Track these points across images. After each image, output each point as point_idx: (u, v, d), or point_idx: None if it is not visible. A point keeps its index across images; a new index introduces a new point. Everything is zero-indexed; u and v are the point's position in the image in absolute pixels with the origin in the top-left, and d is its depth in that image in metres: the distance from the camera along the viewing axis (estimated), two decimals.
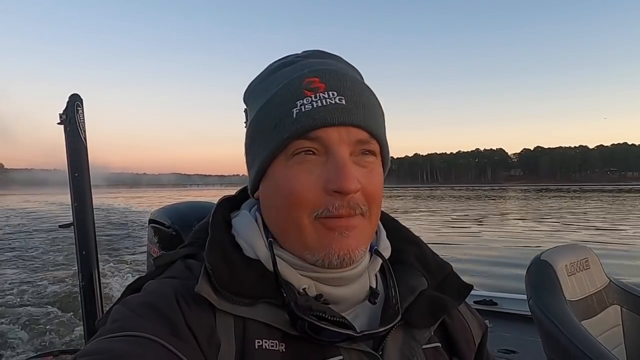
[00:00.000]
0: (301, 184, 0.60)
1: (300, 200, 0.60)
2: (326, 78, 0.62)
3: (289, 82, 0.63)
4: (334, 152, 0.60)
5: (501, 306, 3.68)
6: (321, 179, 0.60)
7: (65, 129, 1.63)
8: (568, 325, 1.79)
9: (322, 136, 0.60)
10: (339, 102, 0.61)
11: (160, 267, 0.68)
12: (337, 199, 0.60)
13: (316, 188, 0.60)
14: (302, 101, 0.61)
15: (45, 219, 21.51)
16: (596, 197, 50.63)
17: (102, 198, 51.80)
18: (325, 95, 0.61)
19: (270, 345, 0.59)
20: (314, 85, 0.61)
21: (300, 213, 0.61)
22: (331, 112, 0.60)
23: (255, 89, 0.70)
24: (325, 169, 0.60)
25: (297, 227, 0.61)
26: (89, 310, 1.62)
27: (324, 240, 0.61)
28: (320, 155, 0.61)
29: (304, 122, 0.60)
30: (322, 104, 0.60)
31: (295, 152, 0.61)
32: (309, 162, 0.61)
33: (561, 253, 2.07)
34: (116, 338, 0.52)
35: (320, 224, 0.61)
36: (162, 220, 1.33)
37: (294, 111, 0.60)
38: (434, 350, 0.70)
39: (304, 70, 0.64)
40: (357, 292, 0.67)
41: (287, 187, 0.61)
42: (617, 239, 14.54)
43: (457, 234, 16.32)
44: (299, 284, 0.63)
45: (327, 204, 0.60)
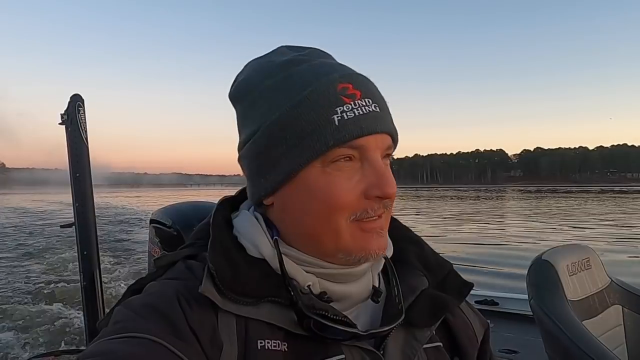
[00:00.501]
0: (342, 190, 0.61)
1: (341, 206, 0.61)
2: (359, 85, 0.63)
3: (321, 85, 0.62)
4: (372, 158, 0.62)
5: (502, 306, 3.68)
6: (361, 184, 0.62)
7: (67, 129, 1.63)
8: (569, 325, 1.79)
9: (364, 144, 0.61)
10: (375, 110, 0.62)
11: (161, 268, 0.68)
12: (376, 202, 0.62)
13: (356, 193, 0.61)
14: (342, 108, 0.60)
15: (48, 218, 21.52)
16: (603, 198, 50.83)
17: (102, 198, 51.83)
18: (362, 102, 0.61)
19: (273, 346, 0.59)
20: (349, 92, 0.62)
21: (339, 217, 0.61)
22: (372, 121, 0.61)
23: (260, 88, 0.66)
24: (365, 175, 0.62)
25: (334, 231, 0.62)
26: (90, 310, 1.62)
27: (362, 241, 0.63)
28: (355, 162, 0.62)
29: (350, 130, 0.60)
30: (362, 112, 0.61)
31: (335, 159, 0.61)
32: (348, 168, 0.62)
33: (562, 253, 2.07)
34: (118, 339, 0.52)
35: (357, 226, 0.62)
36: (163, 220, 1.33)
37: (335, 118, 0.60)
38: (435, 350, 0.71)
39: (333, 74, 0.63)
40: (360, 290, 0.67)
41: (327, 193, 0.61)
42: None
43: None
44: (304, 281, 0.64)
45: (367, 207, 0.62)
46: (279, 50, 0.70)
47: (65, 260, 9.71)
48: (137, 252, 11.01)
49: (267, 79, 0.66)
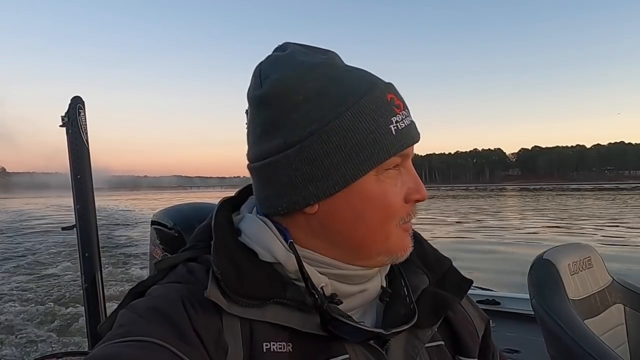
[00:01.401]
0: (394, 197, 0.64)
1: (395, 212, 0.64)
2: (399, 95, 0.66)
3: (374, 95, 0.62)
4: (408, 166, 0.66)
5: (504, 305, 3.68)
6: (403, 190, 0.65)
7: (68, 132, 1.63)
8: (571, 325, 1.79)
9: (408, 153, 0.65)
10: (412, 120, 0.66)
11: (162, 271, 0.67)
12: (413, 205, 0.66)
13: (401, 198, 0.65)
14: (396, 118, 0.63)
15: (49, 221, 21.51)
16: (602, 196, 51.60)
17: (101, 201, 51.88)
18: (406, 113, 0.65)
19: (278, 347, 0.59)
20: (397, 103, 0.64)
21: (391, 223, 0.64)
22: (415, 131, 0.65)
23: (304, 89, 0.62)
24: (404, 181, 0.65)
25: (385, 235, 0.65)
26: (92, 312, 1.63)
27: (403, 242, 0.67)
28: (398, 169, 0.65)
29: (406, 139, 0.63)
30: (409, 122, 0.64)
31: (388, 167, 0.63)
32: (395, 176, 0.64)
33: (564, 252, 2.07)
34: (124, 343, 0.52)
35: (402, 228, 0.66)
36: (164, 221, 1.33)
37: (392, 128, 0.62)
38: (437, 349, 0.71)
39: (380, 84, 0.65)
40: (370, 290, 0.68)
41: (383, 201, 0.63)
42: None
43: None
44: (317, 282, 0.63)
45: (409, 211, 0.66)
46: (300, 50, 0.66)
47: (68, 262, 9.71)
48: (139, 253, 11.01)
49: (309, 81, 0.62)
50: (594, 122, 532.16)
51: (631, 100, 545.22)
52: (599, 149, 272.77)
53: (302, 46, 0.68)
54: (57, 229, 10.12)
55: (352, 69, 0.66)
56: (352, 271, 0.65)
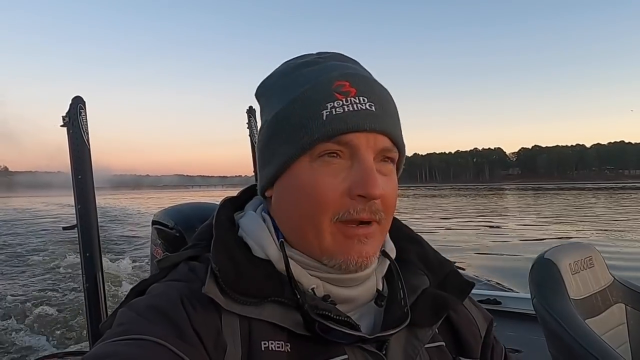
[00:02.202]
0: (326, 186, 0.61)
1: (324, 202, 0.61)
2: (357, 83, 0.63)
3: (318, 83, 0.63)
4: (361, 157, 0.61)
5: (505, 305, 3.68)
6: (346, 182, 0.61)
7: (68, 131, 1.63)
8: (572, 324, 1.79)
9: (351, 141, 0.60)
10: (370, 109, 0.61)
11: (164, 269, 0.68)
12: (359, 203, 0.60)
13: (340, 191, 0.61)
14: (333, 104, 0.61)
15: (51, 220, 21.52)
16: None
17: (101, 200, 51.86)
18: (356, 100, 0.61)
19: (277, 346, 0.60)
20: (344, 89, 0.62)
21: (322, 215, 0.61)
22: (363, 118, 0.61)
23: (275, 86, 0.69)
24: (351, 173, 0.61)
25: (316, 228, 0.62)
26: (93, 312, 1.62)
27: (342, 247, 0.62)
28: (345, 159, 0.62)
29: (336, 125, 0.60)
30: (353, 109, 0.61)
31: (321, 153, 0.61)
32: (334, 165, 0.61)
33: (565, 251, 2.07)
34: (123, 341, 0.52)
35: (339, 229, 0.62)
36: (165, 221, 1.33)
37: (324, 113, 0.61)
38: (437, 350, 0.71)
39: (333, 73, 0.64)
40: (364, 293, 0.67)
41: (311, 188, 0.61)
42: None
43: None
44: (308, 284, 0.64)
45: (349, 207, 0.60)
46: (306, 55, 0.72)
47: (69, 261, 9.71)
48: (140, 253, 11.01)
49: (281, 78, 0.69)
50: (594, 122, 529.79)
51: (632, 99, 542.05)
52: (598, 149, 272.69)
53: (319, 53, 0.72)
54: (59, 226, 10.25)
55: (328, 65, 0.67)
56: (337, 275, 0.65)
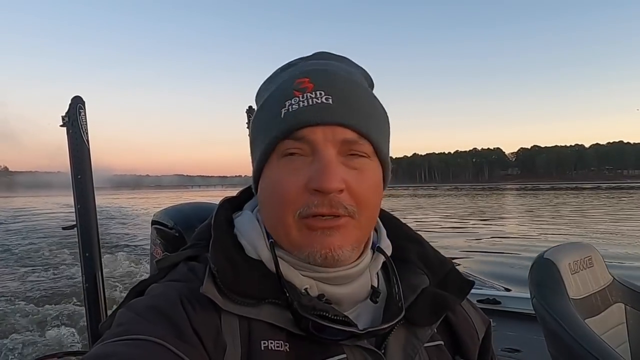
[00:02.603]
0: (287, 183, 0.61)
1: (285, 199, 0.61)
2: (315, 78, 0.63)
3: (283, 83, 0.65)
4: (319, 151, 0.61)
5: (505, 305, 3.68)
6: (305, 177, 0.60)
7: (68, 131, 1.63)
8: (572, 324, 1.79)
9: (307, 136, 0.60)
10: (325, 102, 0.61)
11: (163, 269, 0.68)
12: (317, 197, 0.59)
13: (299, 187, 0.60)
14: (291, 101, 0.61)
15: (53, 220, 21.52)
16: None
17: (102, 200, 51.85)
18: (312, 95, 0.61)
19: (276, 346, 0.60)
20: (303, 86, 0.62)
21: (285, 212, 0.61)
22: (316, 111, 0.60)
23: (260, 90, 0.72)
24: (310, 169, 0.60)
25: (283, 225, 0.62)
26: (92, 311, 1.62)
27: (306, 238, 0.61)
28: (307, 156, 0.61)
29: (290, 121, 0.61)
30: (308, 104, 0.61)
31: (285, 152, 0.62)
32: (296, 162, 0.61)
33: (564, 251, 2.06)
34: (122, 342, 0.52)
35: (303, 224, 0.61)
36: (164, 221, 1.33)
37: (283, 111, 0.62)
38: (436, 349, 0.71)
39: (297, 72, 0.65)
40: (357, 290, 0.67)
41: (275, 186, 0.62)
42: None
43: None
44: (301, 284, 0.64)
45: (308, 201, 0.60)
46: (295, 59, 0.73)
47: (70, 261, 9.71)
48: (140, 253, 11.00)
49: (265, 84, 0.72)
50: (593, 122, 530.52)
51: (631, 99, 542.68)
52: (597, 149, 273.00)
53: (314, 53, 0.73)
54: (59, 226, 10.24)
55: (302, 65, 0.68)
56: (330, 274, 0.64)
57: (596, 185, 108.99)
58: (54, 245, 12.62)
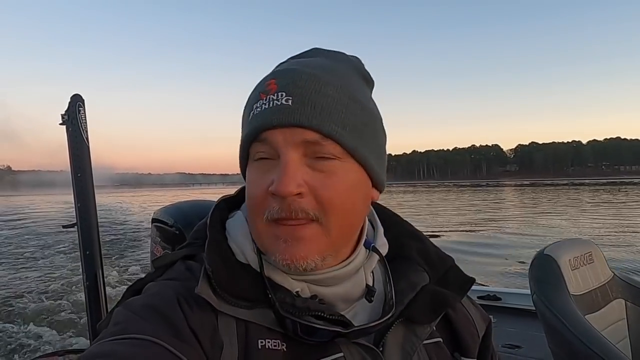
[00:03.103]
0: (255, 187, 0.61)
1: (254, 204, 0.61)
2: (280, 79, 0.61)
3: (257, 85, 0.64)
4: (280, 154, 0.59)
5: (505, 301, 3.69)
6: (269, 181, 0.59)
7: (68, 130, 1.63)
8: (572, 320, 1.79)
9: (268, 138, 0.59)
10: (285, 103, 0.58)
11: (160, 268, 0.68)
12: (276, 201, 0.58)
13: (264, 191, 0.59)
14: (257, 104, 0.60)
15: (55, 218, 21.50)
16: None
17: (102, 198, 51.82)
18: (274, 96, 0.59)
19: (273, 345, 0.60)
20: (268, 87, 0.60)
21: (256, 216, 0.61)
22: (273, 114, 0.58)
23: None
24: (274, 172, 0.59)
25: (255, 230, 0.63)
26: (93, 310, 1.62)
27: (272, 245, 0.60)
28: (275, 159, 0.60)
29: (253, 124, 0.60)
30: (268, 106, 0.59)
31: (255, 155, 0.62)
32: (265, 165, 0.61)
33: (565, 247, 2.06)
34: (119, 340, 0.52)
35: (270, 229, 0.60)
36: (165, 219, 1.32)
37: (251, 114, 0.61)
38: (435, 346, 0.71)
39: (269, 73, 0.64)
40: (350, 290, 0.66)
41: (248, 191, 0.63)
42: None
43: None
44: (292, 287, 0.63)
45: (268, 205, 0.59)
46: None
47: (71, 260, 9.71)
48: (140, 251, 11.01)
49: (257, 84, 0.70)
50: (591, 119, 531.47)
51: (628, 96, 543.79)
52: (595, 145, 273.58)
53: (305, 51, 0.72)
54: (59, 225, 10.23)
55: (287, 64, 0.67)
56: (318, 275, 0.63)
57: (611, 180, 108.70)
58: (59, 242, 12.64)
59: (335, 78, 0.62)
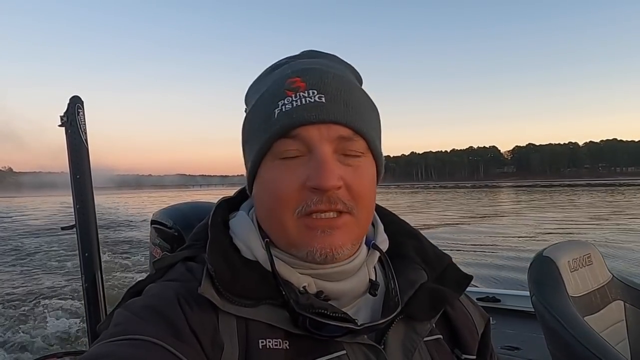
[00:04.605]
0: (285, 183, 0.61)
1: (284, 199, 0.61)
2: (307, 77, 0.63)
3: (274, 83, 0.65)
4: (315, 149, 0.61)
5: (504, 303, 3.68)
6: (302, 176, 0.60)
7: (67, 131, 1.62)
8: (571, 321, 1.80)
9: (302, 134, 0.61)
10: (318, 100, 0.61)
11: (160, 270, 0.68)
12: (315, 195, 0.60)
13: (297, 186, 0.61)
14: (283, 101, 0.61)
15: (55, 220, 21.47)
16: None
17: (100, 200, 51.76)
18: (305, 94, 0.61)
19: (274, 344, 0.60)
20: (294, 85, 0.62)
21: (284, 212, 0.62)
22: (309, 110, 0.60)
23: (250, 91, 0.72)
24: (307, 167, 0.61)
25: (281, 224, 0.63)
26: (92, 312, 1.62)
27: (306, 238, 0.61)
28: (303, 155, 0.62)
29: (284, 121, 0.61)
30: (301, 103, 0.61)
31: (280, 152, 0.62)
32: (292, 161, 0.62)
33: (564, 249, 2.07)
34: (119, 342, 0.52)
35: (302, 222, 0.61)
36: (164, 221, 1.32)
37: (276, 111, 0.61)
38: (435, 342, 0.71)
39: (288, 71, 0.65)
40: (356, 285, 0.68)
41: (273, 187, 0.62)
42: None
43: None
44: (298, 282, 0.64)
45: (305, 199, 0.60)
46: (282, 58, 0.72)
47: (70, 261, 9.70)
48: (139, 252, 11.00)
49: (255, 84, 0.72)
50: (587, 120, 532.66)
51: (625, 98, 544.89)
52: (591, 146, 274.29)
53: (302, 52, 0.73)
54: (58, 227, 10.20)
55: (292, 64, 0.68)
56: (327, 270, 0.65)
57: (608, 182, 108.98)
58: (58, 244, 12.62)
59: (350, 78, 0.69)
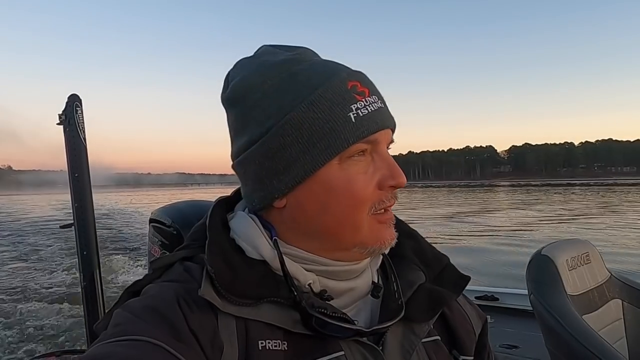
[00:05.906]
0: (361, 183, 0.62)
1: (362, 198, 0.62)
2: (365, 82, 0.64)
3: (332, 84, 0.61)
4: (382, 151, 0.64)
5: (502, 301, 3.69)
6: (375, 176, 0.63)
7: (65, 130, 1.62)
8: (569, 320, 1.80)
9: (376, 139, 0.63)
10: (382, 106, 0.64)
11: (158, 270, 0.67)
12: (389, 192, 0.64)
13: (372, 185, 0.63)
14: (356, 105, 0.61)
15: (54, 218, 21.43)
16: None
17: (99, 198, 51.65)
18: (372, 99, 0.63)
19: (274, 345, 0.60)
20: (359, 90, 0.63)
21: (360, 210, 0.63)
22: (383, 117, 0.64)
23: (263, 87, 0.64)
24: (377, 167, 0.64)
25: (355, 225, 0.63)
26: (90, 310, 1.62)
27: (378, 233, 0.64)
28: (367, 155, 0.63)
29: (367, 126, 0.61)
30: (374, 109, 0.63)
31: (351, 154, 0.62)
32: (362, 162, 0.63)
33: (562, 248, 2.07)
34: (119, 342, 0.52)
35: (374, 219, 0.64)
36: (162, 219, 1.32)
37: (351, 115, 0.61)
38: (433, 344, 0.71)
39: (342, 73, 0.63)
40: (361, 286, 0.68)
41: (348, 189, 0.62)
42: None
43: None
44: (304, 280, 0.64)
45: (382, 197, 0.64)
46: (267, 50, 0.69)
47: (69, 260, 9.68)
48: (138, 251, 10.99)
49: (269, 79, 0.64)
50: (583, 120, 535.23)
51: (620, 98, 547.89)
52: (586, 146, 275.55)
53: (274, 46, 0.70)
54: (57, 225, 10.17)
55: (317, 63, 0.66)
56: (337, 267, 0.65)
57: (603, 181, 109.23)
58: (57, 242, 12.59)
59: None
